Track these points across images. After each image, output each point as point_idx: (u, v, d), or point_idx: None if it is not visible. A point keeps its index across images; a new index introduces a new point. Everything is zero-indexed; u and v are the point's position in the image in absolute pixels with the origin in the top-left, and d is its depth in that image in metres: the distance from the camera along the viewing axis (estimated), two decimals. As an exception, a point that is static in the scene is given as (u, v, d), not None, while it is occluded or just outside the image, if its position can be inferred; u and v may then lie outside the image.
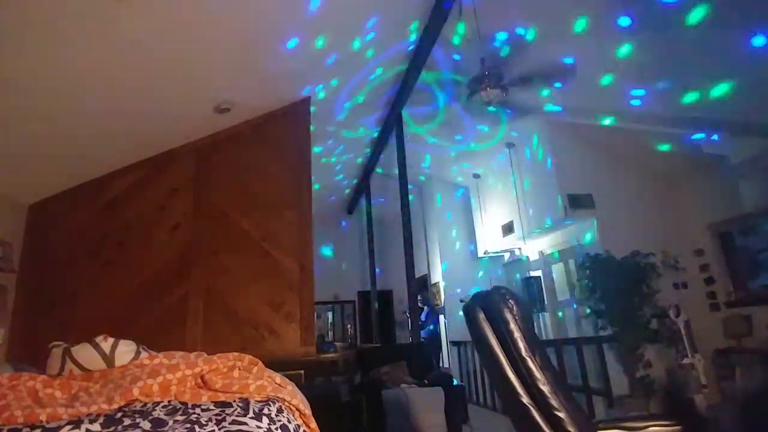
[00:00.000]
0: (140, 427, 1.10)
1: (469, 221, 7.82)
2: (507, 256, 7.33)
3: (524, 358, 1.36)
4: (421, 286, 8.06)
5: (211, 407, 1.29)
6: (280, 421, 1.28)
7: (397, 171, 5.76)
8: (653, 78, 4.13)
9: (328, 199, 8.66)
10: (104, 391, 1.31)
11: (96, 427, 1.10)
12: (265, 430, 1.19)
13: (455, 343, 6.76)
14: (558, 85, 4.67)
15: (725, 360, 4.23)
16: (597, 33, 3.90)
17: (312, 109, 4.21)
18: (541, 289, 6.28)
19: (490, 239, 7.12)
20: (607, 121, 4.93)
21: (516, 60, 4.26)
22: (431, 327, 7.75)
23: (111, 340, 1.59)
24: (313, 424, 1.55)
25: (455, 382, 4.35)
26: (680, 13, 3.35)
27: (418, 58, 4.56)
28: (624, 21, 3.62)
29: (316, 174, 4.12)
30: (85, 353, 1.54)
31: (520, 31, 4.14)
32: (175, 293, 3.42)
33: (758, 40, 3.32)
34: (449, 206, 8.02)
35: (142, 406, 1.27)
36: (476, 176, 7.43)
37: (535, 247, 6.45)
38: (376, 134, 6.41)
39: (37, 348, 1.85)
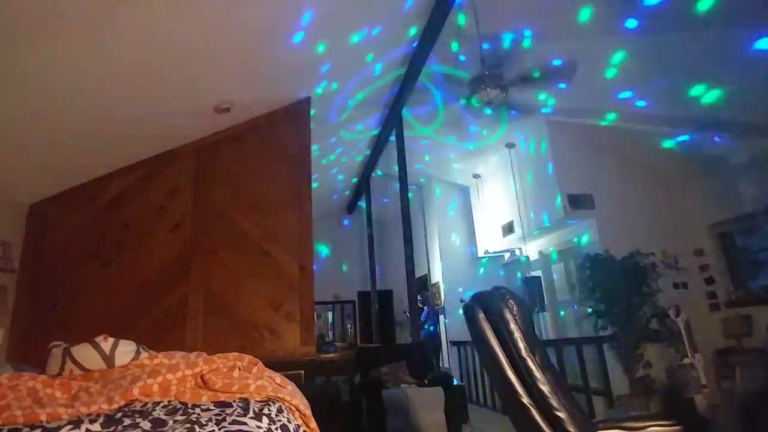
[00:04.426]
0: (140, 427, 1.10)
1: (469, 221, 7.82)
2: (507, 256, 7.33)
3: (524, 358, 1.36)
4: (421, 286, 8.05)
5: (211, 407, 1.29)
6: (280, 421, 1.28)
7: (397, 171, 5.76)
8: (653, 78, 4.14)
9: (328, 199, 8.66)
10: (104, 391, 1.31)
11: (96, 427, 1.10)
12: (265, 430, 1.19)
13: (455, 343, 6.76)
14: (562, 86, 4.67)
15: (725, 360, 4.23)
16: (597, 32, 3.90)
17: (312, 110, 4.21)
18: (541, 289, 6.27)
19: (490, 239, 7.12)
20: (607, 121, 4.93)
21: (516, 60, 4.26)
22: (431, 327, 7.75)
23: (111, 340, 1.59)
24: (313, 424, 1.55)
25: (455, 382, 4.35)
26: (685, 6, 3.32)
27: (418, 58, 4.56)
28: (629, 23, 3.62)
29: (316, 174, 4.12)
30: (85, 353, 1.54)
31: (520, 31, 4.14)
32: (175, 293, 3.42)
33: (761, 43, 3.33)
34: (449, 206, 8.02)
35: (142, 406, 1.27)
36: (476, 176, 7.43)
37: (535, 247, 6.45)
38: (376, 134, 6.41)
39: (37, 348, 1.85)
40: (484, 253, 7.31)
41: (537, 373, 1.34)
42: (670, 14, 3.43)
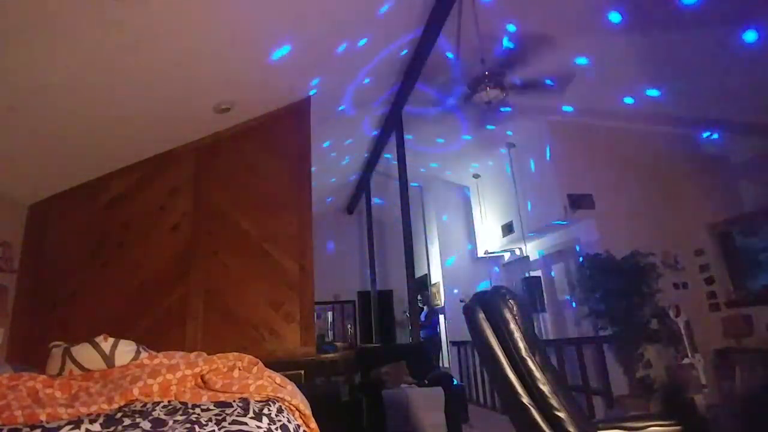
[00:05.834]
0: (140, 427, 1.10)
1: (469, 221, 7.82)
2: (507, 256, 7.33)
3: (524, 358, 1.36)
4: (421, 286, 8.05)
5: (211, 407, 1.29)
6: (280, 421, 1.28)
7: (397, 171, 5.76)
8: (653, 78, 4.14)
9: (328, 199, 8.66)
10: (104, 391, 1.31)
11: (96, 427, 1.10)
12: (265, 430, 1.19)
13: (455, 343, 6.76)
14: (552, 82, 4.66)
15: (725, 360, 4.23)
16: (597, 32, 3.90)
17: (317, 105, 4.20)
18: (541, 289, 6.27)
19: (490, 239, 7.12)
20: (607, 122, 4.93)
21: (517, 59, 4.26)
22: (432, 326, 7.75)
23: (111, 340, 1.59)
24: (313, 424, 1.55)
25: (455, 382, 4.35)
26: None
27: (419, 58, 4.56)
28: (615, 17, 3.61)
29: (316, 173, 4.12)
30: (85, 353, 1.54)
31: (511, 28, 4.14)
32: (175, 293, 3.42)
33: (749, 36, 3.32)
34: (449, 206, 8.02)
35: (142, 406, 1.27)
36: (476, 176, 7.43)
37: (535, 247, 6.45)
38: (376, 134, 6.41)
39: (37, 348, 1.85)
40: (484, 253, 7.31)
41: (537, 373, 1.34)
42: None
